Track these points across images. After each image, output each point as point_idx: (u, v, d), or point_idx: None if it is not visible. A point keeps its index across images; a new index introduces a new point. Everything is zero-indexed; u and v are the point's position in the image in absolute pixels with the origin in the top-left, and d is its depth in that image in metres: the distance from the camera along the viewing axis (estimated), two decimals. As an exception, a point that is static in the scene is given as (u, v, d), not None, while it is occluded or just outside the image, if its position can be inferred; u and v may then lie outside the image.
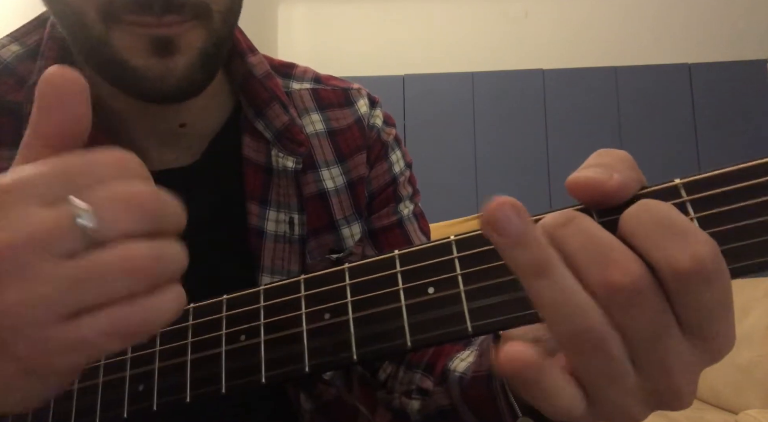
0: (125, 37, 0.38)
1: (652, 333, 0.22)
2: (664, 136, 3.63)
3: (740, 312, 1.94)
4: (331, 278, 0.30)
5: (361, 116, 0.57)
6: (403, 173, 0.59)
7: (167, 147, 0.49)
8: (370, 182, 0.56)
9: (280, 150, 0.50)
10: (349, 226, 0.54)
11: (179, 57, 0.39)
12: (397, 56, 4.19)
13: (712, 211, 0.24)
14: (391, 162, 0.58)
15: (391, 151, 0.58)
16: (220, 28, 0.42)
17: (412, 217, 0.58)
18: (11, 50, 0.47)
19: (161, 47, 0.39)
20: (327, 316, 0.29)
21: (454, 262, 0.27)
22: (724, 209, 0.24)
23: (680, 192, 0.25)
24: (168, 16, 0.38)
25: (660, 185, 0.25)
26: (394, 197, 0.57)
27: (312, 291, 0.31)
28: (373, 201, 0.56)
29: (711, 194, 0.24)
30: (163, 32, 0.38)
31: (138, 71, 0.39)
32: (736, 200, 0.24)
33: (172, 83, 0.40)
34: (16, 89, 0.46)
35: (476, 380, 0.40)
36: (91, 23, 0.38)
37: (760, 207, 0.23)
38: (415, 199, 0.60)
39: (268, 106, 0.51)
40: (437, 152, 3.72)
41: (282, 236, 0.50)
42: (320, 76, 0.58)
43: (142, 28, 0.38)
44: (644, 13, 4.16)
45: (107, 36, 0.38)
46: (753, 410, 1.48)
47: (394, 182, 0.57)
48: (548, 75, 3.79)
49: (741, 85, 3.64)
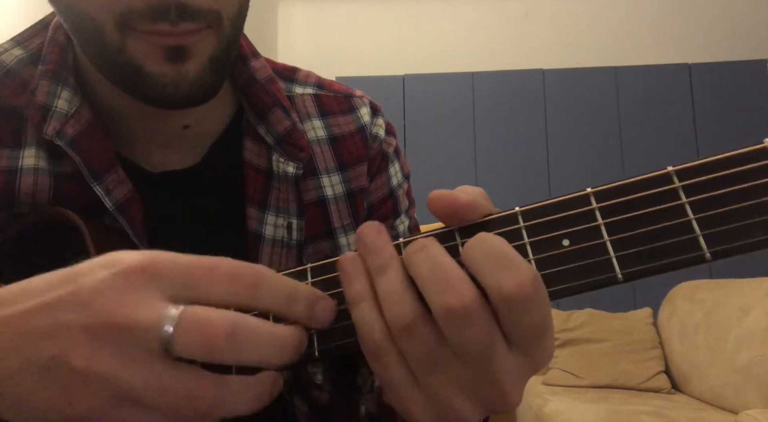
0: (141, 45, 0.39)
1: (482, 348, 0.26)
2: (664, 136, 3.64)
3: (740, 312, 1.94)
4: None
5: (363, 124, 0.56)
6: (401, 186, 0.59)
7: (169, 149, 0.49)
8: (370, 194, 0.56)
9: (281, 155, 0.50)
10: (346, 235, 0.54)
11: (191, 63, 0.40)
12: (397, 56, 4.20)
13: (702, 196, 0.26)
14: (389, 175, 0.58)
15: (390, 163, 0.58)
16: (230, 34, 0.42)
17: (407, 233, 0.58)
18: (14, 55, 0.48)
19: (175, 54, 0.39)
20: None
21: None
22: (713, 194, 0.26)
23: (674, 180, 0.27)
24: (183, 23, 0.38)
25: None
26: (392, 212, 0.57)
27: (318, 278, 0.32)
28: (371, 216, 0.56)
29: (701, 180, 0.26)
30: (177, 42, 0.39)
31: (153, 78, 0.40)
32: (723, 185, 0.26)
33: (184, 89, 0.40)
34: (18, 93, 0.46)
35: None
36: (108, 33, 0.39)
37: (745, 192, 0.26)
38: (410, 212, 0.60)
39: (270, 111, 0.51)
40: (437, 152, 3.72)
41: (280, 241, 0.50)
42: (323, 82, 0.58)
43: (157, 37, 0.39)
44: (644, 13, 4.16)
45: (123, 44, 0.39)
46: (753, 410, 1.48)
47: (392, 196, 0.58)
48: (548, 75, 3.80)
49: (741, 85, 3.65)
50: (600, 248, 0.27)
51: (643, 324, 2.45)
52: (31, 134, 0.45)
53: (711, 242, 0.26)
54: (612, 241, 0.27)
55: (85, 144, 0.44)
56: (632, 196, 0.27)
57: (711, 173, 0.26)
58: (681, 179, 0.27)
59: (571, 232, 0.28)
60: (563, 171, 3.67)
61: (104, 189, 0.44)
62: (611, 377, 2.31)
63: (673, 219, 0.26)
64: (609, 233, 0.27)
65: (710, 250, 0.26)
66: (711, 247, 0.26)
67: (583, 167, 3.64)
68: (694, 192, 0.26)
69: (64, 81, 0.46)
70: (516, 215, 0.29)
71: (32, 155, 0.45)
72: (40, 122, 0.44)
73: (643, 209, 0.27)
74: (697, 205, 0.26)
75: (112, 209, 0.44)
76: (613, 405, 2.01)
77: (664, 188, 0.27)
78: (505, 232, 0.29)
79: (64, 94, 0.45)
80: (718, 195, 0.26)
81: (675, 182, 0.27)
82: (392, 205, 0.57)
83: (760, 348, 1.77)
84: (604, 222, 0.27)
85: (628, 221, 0.27)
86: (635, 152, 3.64)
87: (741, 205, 0.25)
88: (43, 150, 0.45)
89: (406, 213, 0.59)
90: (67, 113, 0.45)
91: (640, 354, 2.34)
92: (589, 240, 0.27)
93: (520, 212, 0.29)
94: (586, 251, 0.27)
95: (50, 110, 0.44)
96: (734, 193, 0.26)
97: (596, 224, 0.27)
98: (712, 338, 2.04)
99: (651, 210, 0.27)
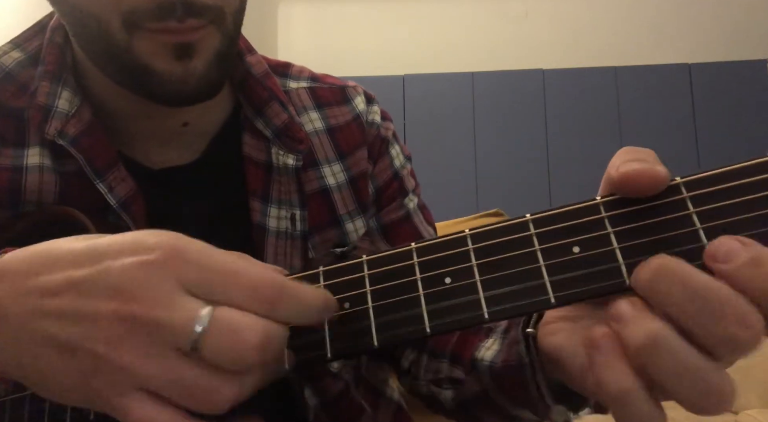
0: (148, 43, 0.39)
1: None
2: (664, 136, 3.64)
3: (740, 312, 1.93)
4: (349, 269, 0.32)
5: (359, 112, 0.58)
6: (404, 166, 0.60)
7: (169, 146, 0.50)
8: (375, 177, 0.57)
9: (280, 148, 0.51)
10: (352, 221, 0.55)
11: (197, 60, 0.41)
12: (397, 56, 4.20)
13: (709, 206, 0.27)
14: (391, 156, 0.59)
15: (390, 146, 0.59)
16: (232, 29, 0.43)
17: (418, 210, 0.60)
18: (13, 57, 0.48)
19: (182, 52, 0.40)
20: (347, 305, 0.32)
21: (469, 253, 0.30)
22: (720, 205, 0.27)
23: (681, 189, 0.28)
24: (189, 20, 0.39)
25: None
26: (400, 191, 0.59)
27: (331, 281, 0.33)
28: (381, 197, 0.57)
29: (709, 190, 0.27)
30: (183, 39, 0.39)
31: (160, 76, 0.40)
32: (729, 197, 0.27)
33: (192, 85, 0.41)
34: (18, 96, 0.46)
35: (507, 368, 0.41)
36: (114, 32, 0.39)
37: (750, 204, 0.26)
38: (416, 191, 0.61)
39: (267, 105, 0.52)
40: (437, 152, 3.72)
41: (284, 233, 0.51)
42: (316, 75, 0.59)
43: (164, 35, 0.39)
44: (644, 13, 4.16)
45: (130, 44, 0.39)
46: (753, 410, 1.48)
47: (397, 176, 0.59)
48: (548, 75, 3.80)
49: (741, 85, 3.65)
50: (610, 255, 0.28)
51: (643, 324, 2.45)
52: (34, 134, 0.46)
53: None
54: (621, 249, 0.28)
55: (86, 143, 0.45)
56: (641, 206, 0.28)
57: (718, 184, 0.27)
58: (689, 190, 0.27)
59: (581, 240, 0.28)
60: (563, 171, 3.67)
61: (107, 186, 0.45)
62: (611, 377, 2.31)
63: (680, 228, 0.27)
64: (618, 241, 0.28)
65: None
66: None
67: (583, 167, 3.64)
68: (701, 203, 0.27)
69: (64, 81, 0.46)
70: (527, 222, 0.30)
71: (36, 153, 0.46)
72: (41, 123, 0.45)
73: (652, 218, 0.28)
74: (704, 215, 0.27)
75: (116, 206, 0.44)
76: (613, 405, 2.00)
77: (673, 199, 0.28)
78: (517, 239, 0.30)
79: (65, 94, 0.46)
80: (724, 206, 0.27)
81: (683, 192, 0.27)
82: (399, 185, 0.59)
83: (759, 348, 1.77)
84: (614, 231, 0.28)
85: (636, 230, 0.28)
86: (635, 152, 3.64)
87: (746, 216, 0.26)
88: (47, 149, 0.46)
89: (413, 191, 0.60)
90: (68, 112, 0.45)
91: (640, 354, 2.34)
92: (599, 248, 0.28)
93: (531, 219, 0.30)
94: (596, 258, 0.28)
95: (51, 110, 0.45)
96: (740, 204, 0.27)
97: (606, 232, 0.28)
98: (712, 338, 2.04)
99: (660, 219, 0.28)
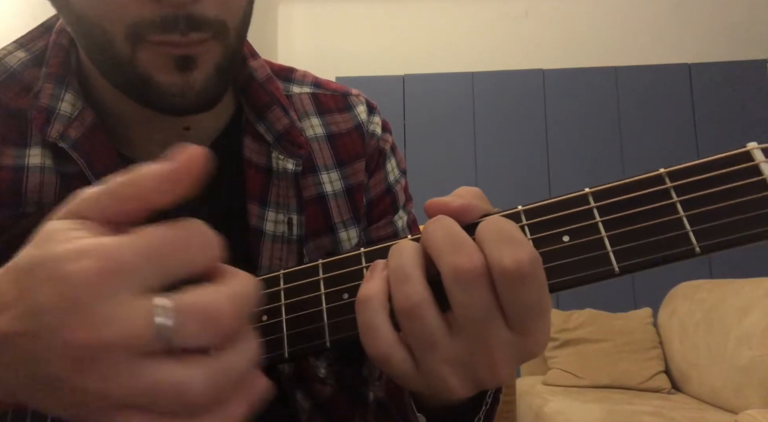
0: (150, 55, 0.40)
1: (481, 314, 0.28)
2: (664, 136, 3.64)
3: (740, 312, 1.94)
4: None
5: (360, 122, 0.58)
6: (398, 181, 0.60)
7: (170, 150, 0.50)
8: (369, 190, 0.57)
9: (281, 152, 0.51)
10: (346, 230, 0.55)
11: (198, 72, 0.41)
12: (397, 56, 4.20)
13: (692, 195, 0.29)
14: (386, 171, 0.59)
15: (387, 160, 0.59)
16: (234, 44, 0.43)
17: (406, 228, 0.60)
18: (17, 57, 0.48)
19: (183, 64, 0.41)
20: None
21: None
22: (702, 193, 0.28)
23: (665, 180, 0.29)
24: (191, 34, 0.39)
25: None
26: (391, 208, 0.59)
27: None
28: (372, 212, 0.57)
29: (691, 181, 0.29)
30: (185, 52, 0.40)
31: (161, 87, 0.41)
32: (711, 185, 0.28)
33: (191, 97, 0.42)
34: (21, 96, 0.46)
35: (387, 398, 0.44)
36: (118, 43, 0.39)
37: (730, 192, 0.28)
38: (407, 207, 0.61)
39: (269, 109, 0.52)
40: (437, 152, 3.72)
41: (280, 237, 0.51)
42: (320, 81, 0.59)
43: (166, 48, 0.39)
44: (644, 13, 4.16)
45: (133, 55, 0.40)
46: (753, 410, 1.48)
47: (389, 192, 0.59)
48: (548, 75, 3.80)
49: (741, 85, 3.65)
50: (598, 243, 0.29)
51: (643, 324, 2.45)
52: (36, 134, 0.46)
53: (700, 237, 0.28)
54: (609, 237, 0.29)
55: (88, 146, 0.45)
56: (628, 195, 0.29)
57: (700, 174, 0.29)
58: (673, 180, 0.29)
59: (571, 229, 0.30)
60: (563, 171, 3.67)
61: None
62: (611, 377, 2.31)
63: (665, 216, 0.28)
64: (606, 230, 0.29)
65: (699, 244, 0.28)
66: (700, 241, 0.28)
67: (583, 166, 3.64)
68: (684, 192, 0.29)
69: (68, 84, 0.47)
70: (519, 213, 0.31)
71: (38, 154, 0.46)
72: (43, 124, 0.45)
73: (638, 207, 0.29)
74: (687, 203, 0.28)
75: None
76: (613, 405, 2.01)
77: (657, 188, 0.29)
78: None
79: (68, 97, 0.46)
80: (707, 194, 0.28)
81: (667, 182, 0.29)
82: (390, 200, 0.59)
83: (759, 348, 1.77)
84: (602, 219, 0.29)
85: (624, 219, 0.29)
86: (635, 151, 3.64)
87: (727, 203, 0.28)
88: (48, 150, 0.46)
89: (404, 208, 0.60)
90: (71, 115, 0.45)
91: (640, 354, 2.34)
92: (588, 236, 0.29)
93: (523, 210, 0.31)
94: (585, 246, 0.29)
95: (54, 112, 0.45)
96: (721, 192, 0.28)
97: (594, 221, 0.29)
98: (712, 338, 2.04)
99: (645, 208, 0.29)
